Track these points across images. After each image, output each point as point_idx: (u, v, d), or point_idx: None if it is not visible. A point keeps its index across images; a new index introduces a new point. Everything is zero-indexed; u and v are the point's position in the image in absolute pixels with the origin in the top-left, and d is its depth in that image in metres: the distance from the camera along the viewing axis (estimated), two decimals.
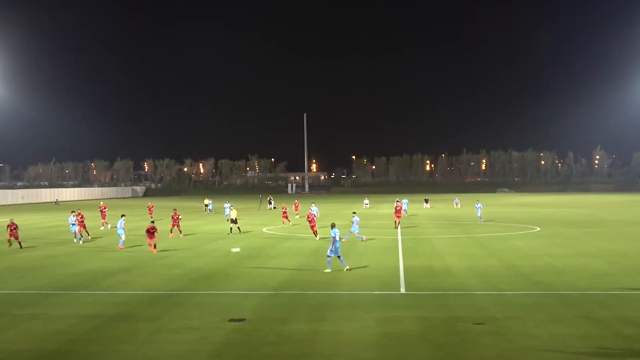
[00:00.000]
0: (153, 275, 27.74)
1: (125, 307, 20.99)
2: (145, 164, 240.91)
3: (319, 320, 18.65)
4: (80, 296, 23.17)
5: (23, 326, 18.46)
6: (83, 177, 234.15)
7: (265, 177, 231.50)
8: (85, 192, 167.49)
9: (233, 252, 33.85)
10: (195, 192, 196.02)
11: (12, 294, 23.69)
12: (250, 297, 22.55)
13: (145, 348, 15.92)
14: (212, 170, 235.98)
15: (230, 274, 27.89)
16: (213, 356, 15.24)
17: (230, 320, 18.66)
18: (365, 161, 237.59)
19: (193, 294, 23.13)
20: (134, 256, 34.49)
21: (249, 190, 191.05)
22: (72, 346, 16.23)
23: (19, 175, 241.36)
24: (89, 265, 31.00)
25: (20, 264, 31.87)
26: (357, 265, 29.87)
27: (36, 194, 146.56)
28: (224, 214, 52.76)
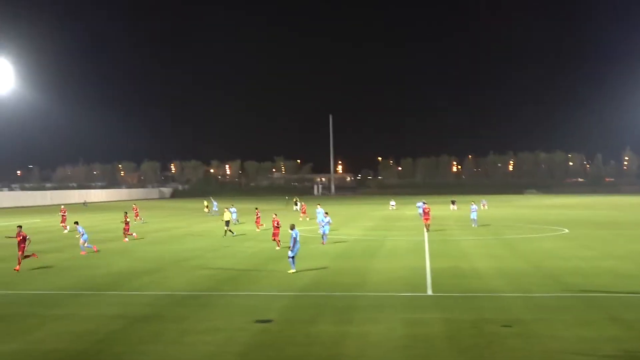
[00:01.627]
0: (179, 276, 27.86)
1: (152, 307, 21.09)
2: (172, 166, 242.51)
3: (345, 322, 18.62)
4: (107, 297, 23.33)
5: (51, 326, 18.61)
6: (111, 179, 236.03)
7: (291, 178, 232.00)
8: (113, 193, 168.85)
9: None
10: (222, 193, 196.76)
11: (40, 295, 23.89)
12: (276, 298, 22.58)
13: (172, 349, 15.98)
14: (238, 172, 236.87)
15: (256, 275, 27.94)
16: (240, 357, 15.26)
17: (257, 322, 18.68)
18: (391, 162, 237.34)
19: (220, 295, 23.19)
20: (160, 257, 34.67)
21: (275, 192, 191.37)
22: (100, 346, 16.34)
23: (47, 176, 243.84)
24: (116, 266, 31.20)
25: (49, 265, 32.15)
26: (384, 267, 29.82)
27: (65, 195, 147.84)
28: (231, 218, 53.06)
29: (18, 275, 28.65)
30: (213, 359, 15.16)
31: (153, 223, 64.77)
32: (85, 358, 15.36)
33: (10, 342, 16.79)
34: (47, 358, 15.37)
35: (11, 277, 28.30)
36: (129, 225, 45.88)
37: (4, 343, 16.71)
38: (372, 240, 43.37)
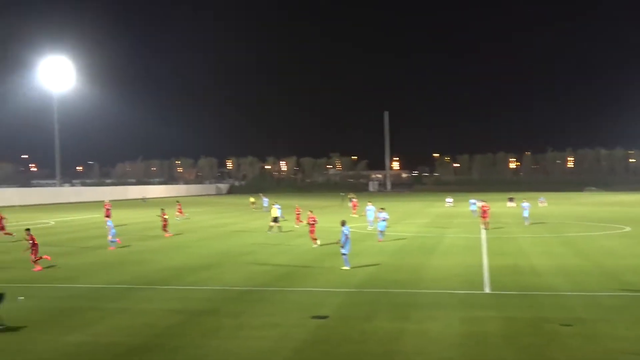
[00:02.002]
0: (236, 272, 28.09)
1: (209, 302, 21.31)
2: (229, 162, 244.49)
3: (401, 319, 18.54)
4: (165, 291, 23.65)
5: (112, 320, 18.95)
6: (169, 175, 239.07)
7: (346, 175, 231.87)
8: (170, 189, 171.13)
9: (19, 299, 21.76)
10: (278, 189, 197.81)
11: (101, 288, 24.35)
12: (332, 294, 22.60)
13: (229, 343, 16.13)
14: (294, 168, 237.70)
15: (311, 271, 28.00)
16: (296, 353, 15.32)
17: (313, 318, 18.72)
18: (447, 159, 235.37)
19: (276, 291, 23.32)
20: (216, 252, 34.99)
21: (331, 188, 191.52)
22: (159, 340, 16.57)
23: (107, 172, 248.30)
24: (174, 261, 31.61)
25: (108, 260, 32.75)
26: (440, 264, 29.62)
27: (124, 191, 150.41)
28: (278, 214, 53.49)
29: (79, 270, 29.22)
30: (269, 354, 15.24)
31: (210, 219, 65.45)
32: (143, 351, 15.60)
33: (73, 334, 17.16)
34: (107, 350, 15.65)
35: (73, 271, 28.89)
36: (167, 222, 46.24)
37: (67, 335, 17.10)
38: (428, 237, 43.11)
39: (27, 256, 30.05)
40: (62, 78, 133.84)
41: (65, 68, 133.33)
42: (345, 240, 28.17)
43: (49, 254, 34.94)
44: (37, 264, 29.41)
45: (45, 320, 18.93)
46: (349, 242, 28.41)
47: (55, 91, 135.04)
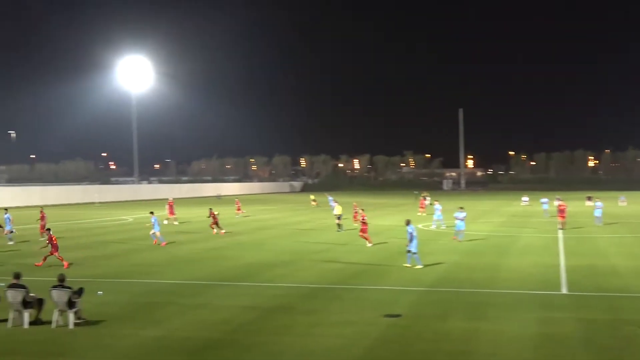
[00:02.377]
0: (311, 269, 28.26)
1: (284, 299, 21.51)
2: (302, 160, 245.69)
3: (476, 319, 18.37)
4: (241, 287, 23.96)
5: (189, 315, 19.31)
6: (243, 172, 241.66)
7: (420, 173, 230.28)
8: (245, 186, 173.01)
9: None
10: (351, 188, 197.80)
11: (178, 284, 24.82)
12: (405, 293, 22.54)
13: (304, 340, 16.25)
14: (367, 166, 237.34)
15: (384, 269, 27.96)
16: (369, 351, 15.35)
17: (386, 316, 18.70)
18: (523, 157, 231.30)
19: (350, 289, 23.37)
20: (291, 250, 35.25)
21: (404, 186, 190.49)
22: (234, 336, 16.82)
23: (183, 170, 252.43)
24: (250, 258, 31.98)
25: (184, 256, 33.35)
26: (516, 264, 29.21)
27: (199, 188, 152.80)
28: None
29: (157, 266, 29.86)
30: (343, 351, 15.30)
31: (284, 217, 65.96)
32: (219, 347, 15.85)
33: (153, 328, 17.57)
34: (184, 345, 15.96)
35: (151, 267, 29.54)
36: (217, 220, 46.21)
37: (146, 329, 17.51)
38: (503, 236, 42.51)
39: (44, 252, 30.96)
40: (141, 78, 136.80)
41: (143, 67, 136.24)
42: (411, 239, 28.14)
43: (128, 250, 35.87)
44: (44, 260, 29.88)
45: (123, 314, 19.42)
46: (415, 240, 28.32)
47: (133, 91, 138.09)
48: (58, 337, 16.82)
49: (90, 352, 15.51)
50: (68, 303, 17.64)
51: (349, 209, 56.88)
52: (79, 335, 16.92)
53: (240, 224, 55.02)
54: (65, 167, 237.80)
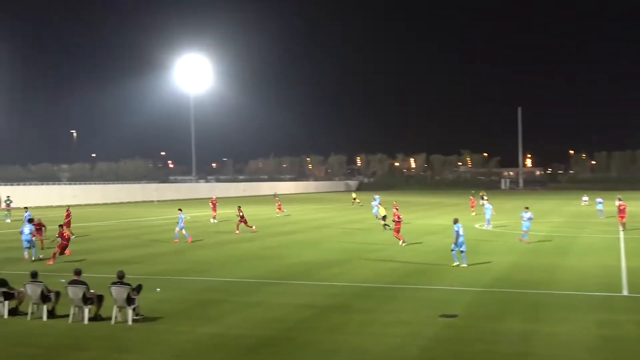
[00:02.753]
0: (366, 268, 28.24)
1: (339, 298, 21.53)
2: (358, 159, 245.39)
3: (533, 320, 18.13)
4: (296, 286, 24.06)
5: (244, 313, 19.47)
6: (299, 171, 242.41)
7: (477, 172, 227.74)
8: (301, 185, 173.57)
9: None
10: (407, 187, 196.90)
11: (233, 282, 25.04)
12: (461, 293, 22.37)
13: (359, 339, 16.24)
14: (423, 165, 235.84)
15: (441, 269, 27.78)
16: (424, 351, 15.27)
17: (442, 316, 18.58)
18: (583, 156, 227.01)
19: (405, 288, 23.28)
20: (346, 249, 35.27)
21: (461, 186, 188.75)
22: (289, 334, 16.90)
23: (240, 169, 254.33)
24: (305, 257, 32.09)
25: (241, 254, 33.63)
26: (575, 265, 28.74)
27: (256, 187, 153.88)
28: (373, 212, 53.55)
29: (213, 263, 30.18)
30: (398, 351, 15.25)
31: (339, 215, 66.00)
32: (274, 344, 15.95)
33: (208, 326, 17.77)
34: (239, 342, 16.10)
35: (207, 265, 29.86)
36: (244, 219, 46.19)
37: (202, 326, 17.72)
38: (563, 236, 41.83)
39: (55, 246, 31.69)
40: (199, 77, 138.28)
41: (201, 66, 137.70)
42: (457, 237, 28.05)
43: (185, 248, 36.34)
44: (53, 259, 30.34)
45: (180, 311, 19.67)
46: (461, 239, 28.14)
47: (192, 90, 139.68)
48: (117, 332, 17.13)
49: (148, 347, 15.76)
50: (127, 299, 17.95)
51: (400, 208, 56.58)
52: (137, 331, 17.21)
53: (295, 223, 55.27)
54: (124, 166, 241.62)
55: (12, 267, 28.03)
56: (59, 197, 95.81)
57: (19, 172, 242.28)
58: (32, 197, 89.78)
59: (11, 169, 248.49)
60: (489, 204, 49.47)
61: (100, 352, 15.36)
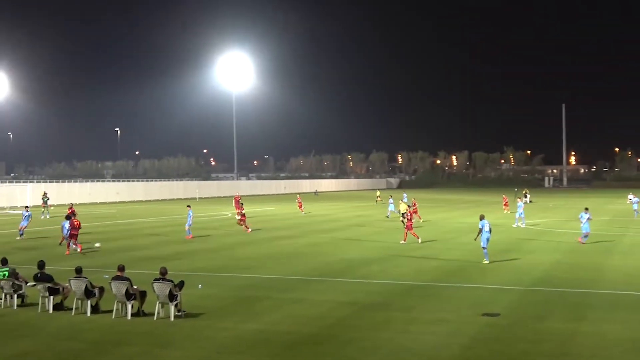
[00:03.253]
0: (407, 266, 28.14)
1: (380, 296, 21.49)
2: (399, 156, 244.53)
3: (577, 320, 17.90)
4: (338, 283, 24.07)
5: (286, 309, 19.54)
6: (340, 169, 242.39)
7: (520, 170, 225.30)
8: (341, 183, 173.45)
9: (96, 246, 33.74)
10: (448, 185, 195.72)
11: (275, 279, 25.14)
12: (504, 292, 22.17)
13: (400, 337, 16.19)
14: (465, 163, 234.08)
15: (483, 267, 27.59)
16: (466, 350, 15.17)
17: (484, 315, 18.44)
18: (629, 154, 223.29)
19: (446, 286, 23.15)
20: (388, 246, 35.19)
21: (503, 184, 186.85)
22: (331, 331, 16.91)
23: (281, 167, 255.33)
24: (347, 254, 32.09)
25: (283, 251, 33.73)
26: (620, 264, 28.34)
27: (297, 184, 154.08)
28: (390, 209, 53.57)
29: (256, 260, 30.31)
30: (439, 349, 15.17)
31: (379, 213, 65.80)
32: (316, 341, 15.97)
33: (251, 322, 17.85)
34: (282, 339, 16.16)
35: (250, 262, 30.02)
36: (244, 217, 45.68)
37: (246, 323, 17.81)
38: (608, 235, 41.25)
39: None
40: (241, 75, 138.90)
41: (243, 64, 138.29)
42: (480, 234, 28.67)
43: (227, 244, 36.61)
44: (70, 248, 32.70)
45: (222, 308, 19.81)
46: (484, 235, 28.60)
47: (234, 88, 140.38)
48: (159, 328, 17.30)
49: (190, 343, 15.88)
50: (169, 296, 18.12)
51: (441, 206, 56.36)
52: (179, 327, 17.36)
53: (336, 220, 55.30)
54: (167, 163, 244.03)
55: (57, 263, 28.46)
56: (103, 195, 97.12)
57: (64, 169, 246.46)
58: (77, 194, 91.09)
59: (56, 166, 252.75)
60: (521, 202, 48.78)
61: (143, 348, 15.53)
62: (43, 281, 19.57)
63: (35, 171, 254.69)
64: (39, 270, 19.93)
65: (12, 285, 19.98)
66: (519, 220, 47.43)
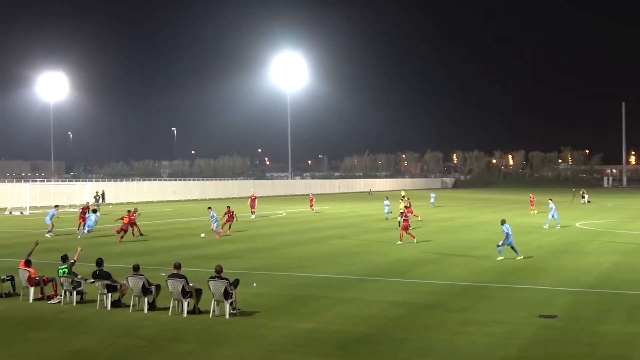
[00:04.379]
0: (461, 267, 27.91)
1: (434, 296, 21.35)
2: (454, 156, 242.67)
3: (636, 322, 17.52)
4: (391, 283, 23.99)
5: (340, 309, 19.54)
6: (395, 168, 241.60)
7: (578, 169, 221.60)
8: (396, 182, 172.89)
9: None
10: (504, 185, 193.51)
11: (329, 278, 25.16)
12: (561, 293, 21.83)
13: (455, 338, 16.06)
14: (522, 162, 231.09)
15: (540, 268, 27.21)
16: (522, 351, 14.97)
17: (541, 316, 18.18)
18: None
19: (502, 287, 22.89)
20: (442, 246, 34.95)
21: (561, 184, 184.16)
22: (384, 331, 16.85)
23: (336, 166, 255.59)
24: (401, 254, 31.97)
25: (336, 250, 33.75)
26: None
27: (351, 183, 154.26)
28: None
29: (310, 259, 30.42)
30: (494, 351, 15.00)
31: (435, 212, 65.45)
32: (370, 341, 15.94)
33: (304, 321, 17.90)
34: (335, 338, 16.17)
35: (304, 261, 30.12)
36: (231, 220, 42.75)
37: (298, 321, 17.87)
38: None
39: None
40: (295, 75, 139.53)
41: (297, 65, 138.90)
42: (506, 237, 29.49)
43: (281, 243, 36.81)
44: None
45: (276, 306, 19.90)
46: (511, 238, 29.61)
47: (288, 88, 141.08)
48: (214, 326, 17.47)
49: (244, 341, 16.00)
50: (224, 294, 18.27)
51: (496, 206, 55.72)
52: (235, 325, 17.50)
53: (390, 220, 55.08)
54: (222, 162, 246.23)
55: (114, 260, 28.95)
56: (159, 193, 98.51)
57: (122, 168, 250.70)
58: (135, 193, 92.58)
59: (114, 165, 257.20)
60: (552, 203, 47.30)
61: (198, 345, 15.69)
62: (101, 278, 19.93)
63: (94, 170, 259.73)
64: (97, 267, 20.30)
65: (71, 282, 20.40)
66: (552, 222, 46.03)
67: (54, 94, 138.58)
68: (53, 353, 15.15)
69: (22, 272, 21.14)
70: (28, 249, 23.13)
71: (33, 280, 20.90)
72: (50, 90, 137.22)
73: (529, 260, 29.35)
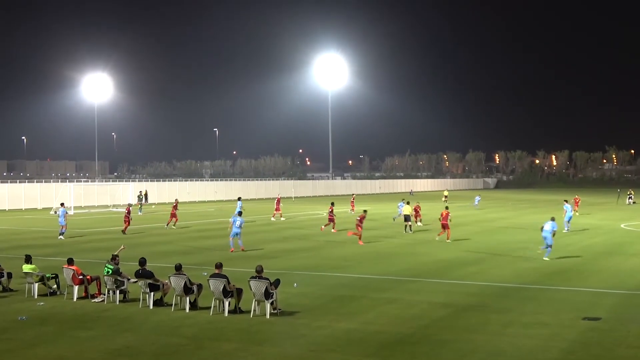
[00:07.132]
0: (505, 268, 27.65)
1: (477, 297, 21.18)
2: (497, 156, 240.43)
3: None
4: (433, 284, 23.86)
5: (381, 309, 19.50)
6: (436, 169, 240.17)
7: (624, 170, 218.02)
8: (437, 183, 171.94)
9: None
10: (547, 185, 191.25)
11: (370, 279, 25.11)
12: (606, 295, 21.51)
13: (497, 340, 15.92)
14: (566, 163, 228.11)
15: (584, 270, 26.84)
16: (565, 354, 14.78)
17: (585, 319, 17.93)
18: None
19: (545, 289, 22.63)
20: (484, 247, 34.66)
21: (605, 184, 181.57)
22: (425, 332, 16.78)
23: (377, 166, 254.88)
24: (443, 255, 31.78)
25: (377, 251, 33.68)
26: None
27: (392, 184, 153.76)
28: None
29: (351, 260, 30.40)
30: (537, 353, 14.83)
31: (479, 213, 64.95)
32: (411, 342, 15.87)
33: (346, 321, 17.89)
34: (376, 338, 16.13)
35: (345, 261, 30.12)
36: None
37: (339, 321, 17.87)
38: None
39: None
40: (336, 75, 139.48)
41: (338, 65, 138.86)
42: (545, 237, 29.90)
43: (322, 243, 36.83)
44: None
45: (317, 306, 19.92)
46: (547, 241, 29.79)
47: (329, 88, 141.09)
48: (255, 325, 17.54)
49: (285, 341, 16.05)
50: (265, 293, 18.34)
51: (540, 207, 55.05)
52: (275, 325, 17.56)
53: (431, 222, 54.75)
54: (263, 162, 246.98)
55: (157, 259, 29.22)
56: (201, 193, 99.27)
57: (165, 168, 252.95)
58: (177, 193, 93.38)
59: (157, 165, 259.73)
60: (568, 204, 45.84)
61: (239, 344, 15.77)
62: (144, 277, 20.14)
63: (137, 170, 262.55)
64: (140, 266, 20.50)
65: (114, 281, 20.65)
66: (567, 224, 44.63)
67: (99, 95, 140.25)
68: (99, 350, 15.36)
69: (67, 270, 21.46)
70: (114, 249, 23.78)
71: (77, 278, 21.21)
72: (94, 91, 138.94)
73: (573, 262, 28.99)
